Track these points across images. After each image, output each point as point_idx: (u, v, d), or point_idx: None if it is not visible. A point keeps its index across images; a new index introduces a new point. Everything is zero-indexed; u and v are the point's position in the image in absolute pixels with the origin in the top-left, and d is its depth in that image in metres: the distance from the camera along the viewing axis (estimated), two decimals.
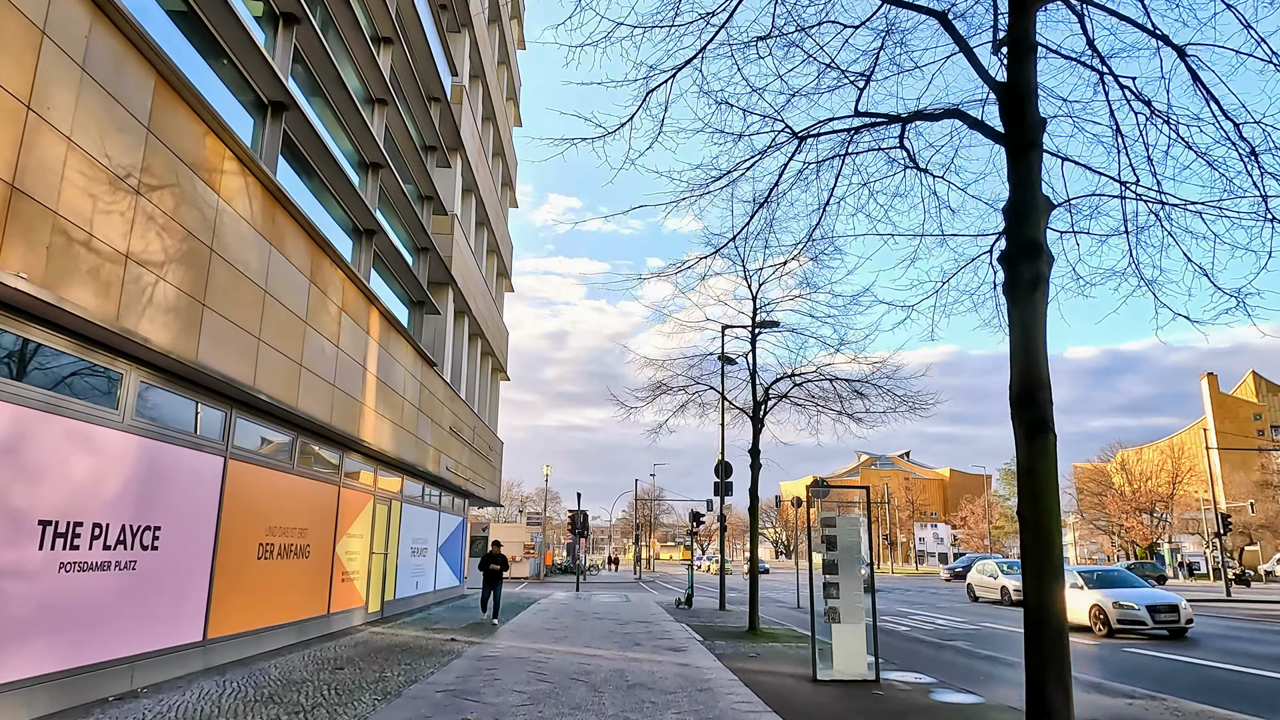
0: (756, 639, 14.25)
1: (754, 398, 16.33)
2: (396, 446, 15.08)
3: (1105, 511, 79.22)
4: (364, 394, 13.12)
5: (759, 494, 16.38)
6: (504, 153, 29.43)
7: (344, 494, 13.22)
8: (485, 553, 16.08)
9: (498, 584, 15.94)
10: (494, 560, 15.93)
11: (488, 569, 15.90)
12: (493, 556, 15.93)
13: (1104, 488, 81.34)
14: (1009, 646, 14.35)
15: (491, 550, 16.05)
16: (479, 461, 24.60)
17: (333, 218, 12.84)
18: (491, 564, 15.92)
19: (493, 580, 15.90)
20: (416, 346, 16.59)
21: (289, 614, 10.96)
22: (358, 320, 12.83)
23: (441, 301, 19.92)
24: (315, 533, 11.89)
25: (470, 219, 23.49)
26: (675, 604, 22.93)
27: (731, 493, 23.41)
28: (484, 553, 16.05)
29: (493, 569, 15.91)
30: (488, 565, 15.90)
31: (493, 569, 15.91)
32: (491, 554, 15.96)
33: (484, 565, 15.95)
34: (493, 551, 16.00)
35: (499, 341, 28.92)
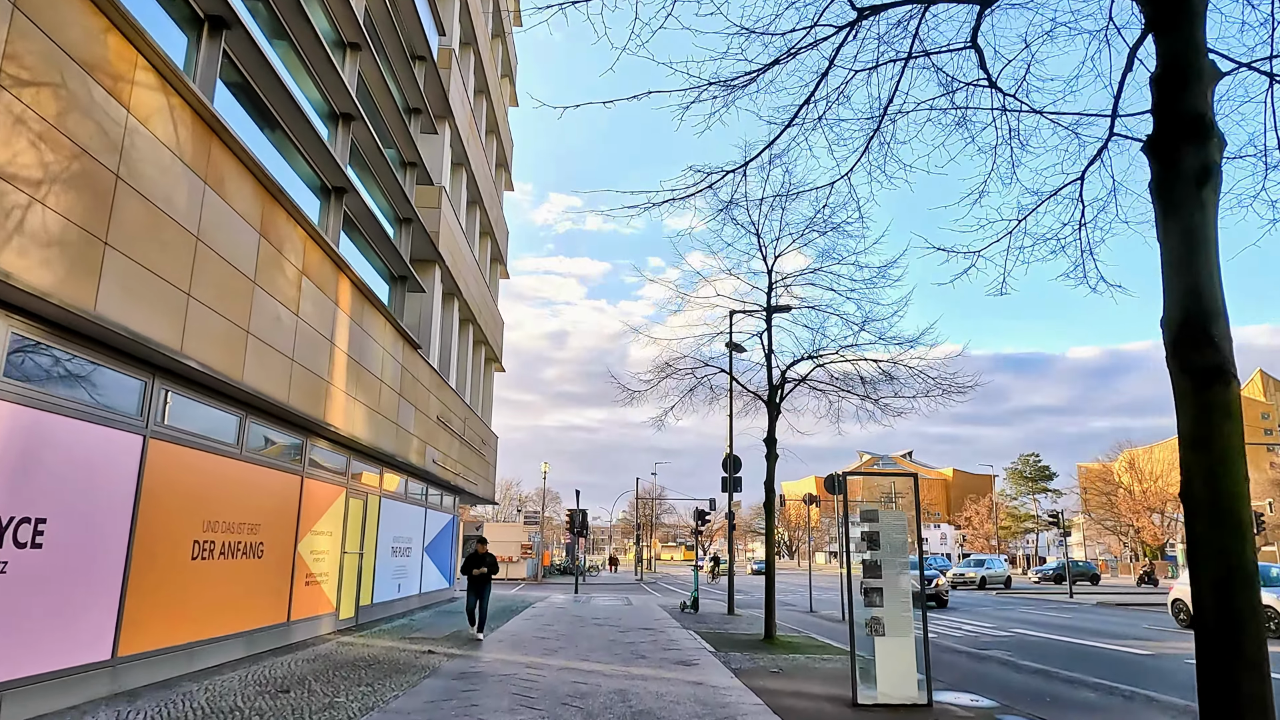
0: (775, 649, 12.68)
1: (769, 381, 14.75)
2: (373, 434, 13.52)
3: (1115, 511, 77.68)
4: (331, 372, 11.56)
5: (771, 490, 14.80)
6: (499, 132, 27.88)
7: (309, 485, 11.65)
8: (470, 554, 13.27)
9: (485, 591, 13.16)
10: (479, 562, 13.09)
11: (472, 573, 13.14)
12: (478, 558, 13.12)
13: (1113, 487, 79.76)
14: (1050, 656, 12.77)
15: (477, 550, 13.20)
16: (470, 455, 23.04)
17: (295, 170, 11.28)
18: (476, 567, 13.10)
19: (479, 587, 13.16)
20: (397, 325, 15.02)
21: (235, 623, 9.39)
22: (324, 288, 11.27)
23: (427, 279, 18.35)
24: (271, 529, 10.33)
25: (461, 195, 21.93)
26: (680, 608, 21.36)
27: (741, 488, 21.87)
28: (469, 553, 13.36)
29: (478, 573, 13.13)
30: (472, 569, 13.10)
31: (478, 573, 13.13)
32: (476, 555, 13.14)
33: (468, 569, 13.12)
34: (478, 552, 13.16)
35: (493, 330, 27.36)
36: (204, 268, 7.95)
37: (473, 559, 13.20)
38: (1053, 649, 14.31)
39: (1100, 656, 13.31)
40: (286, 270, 10.01)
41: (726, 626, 16.71)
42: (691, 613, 20.26)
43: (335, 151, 12.05)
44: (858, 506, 7.77)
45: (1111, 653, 13.89)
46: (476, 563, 13.18)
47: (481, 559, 13.20)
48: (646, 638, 13.80)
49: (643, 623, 16.92)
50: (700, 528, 28.36)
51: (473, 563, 13.19)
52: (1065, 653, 13.74)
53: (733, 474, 21.81)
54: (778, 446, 21.98)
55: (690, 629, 15.70)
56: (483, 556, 13.22)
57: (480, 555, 13.23)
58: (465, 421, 22.31)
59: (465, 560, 13.21)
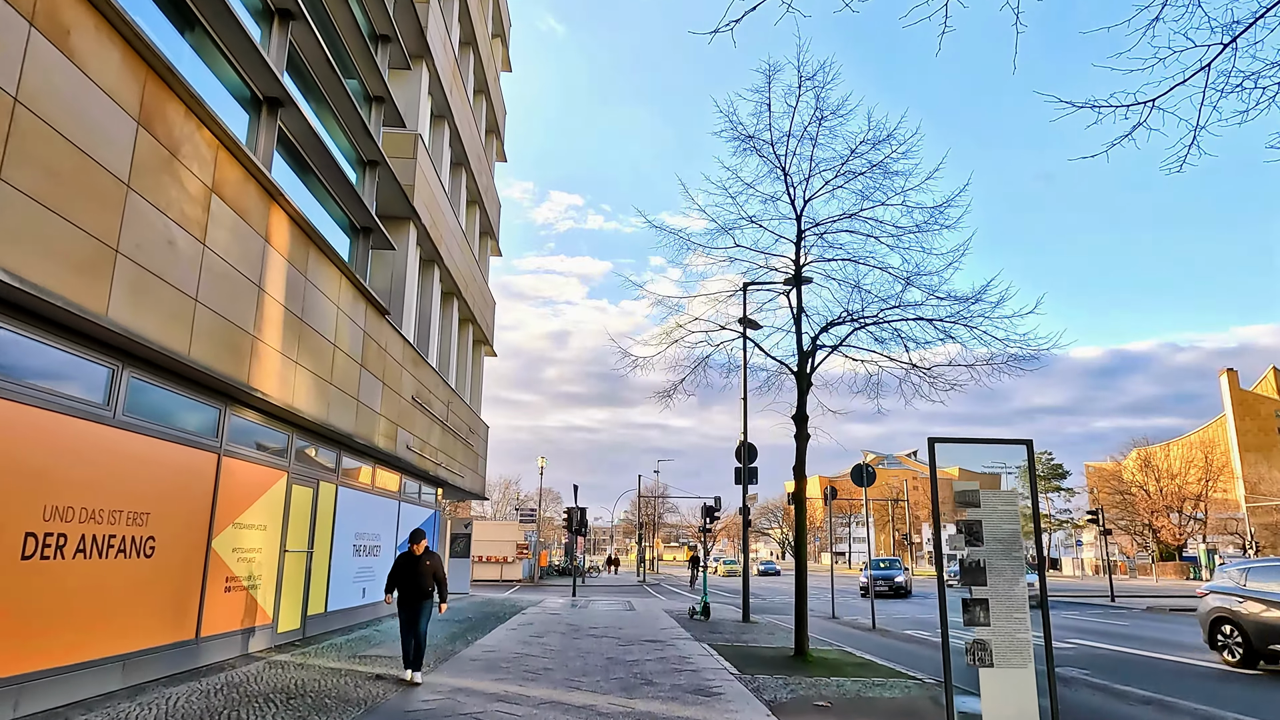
0: (811, 670, 10.33)
1: (799, 348, 12.39)
2: (322, 408, 11.18)
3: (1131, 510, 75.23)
4: (260, 325, 9.22)
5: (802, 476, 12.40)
6: (489, 94, 25.54)
7: (230, 467, 9.30)
8: (400, 558, 8.88)
9: (421, 614, 8.58)
10: (411, 572, 8.66)
11: (404, 589, 8.68)
12: (410, 564, 8.70)
13: (1130, 486, 77.33)
14: (1147, 678, 10.38)
15: (410, 551, 8.76)
16: (455, 444, 20.69)
17: (207, 65, 8.93)
18: (407, 580, 8.65)
19: (413, 608, 8.57)
20: (358, 283, 12.68)
21: (104, 645, 7.04)
22: (247, 217, 8.92)
23: (399, 237, 16.01)
24: (168, 520, 7.98)
25: (443, 152, 19.59)
26: (689, 614, 19.01)
27: (756, 479, 19.52)
28: (398, 558, 8.96)
29: (414, 588, 8.62)
30: (403, 582, 8.70)
31: (414, 588, 8.62)
32: (408, 559, 8.74)
33: (394, 583, 8.80)
34: (411, 552, 8.75)
35: (482, 308, 25.01)
36: (31, 145, 5.61)
37: (402, 566, 8.76)
38: (1139, 667, 11.92)
39: (1208, 674, 10.93)
40: (186, 183, 7.66)
41: (745, 637, 14.36)
42: (702, 620, 17.92)
43: (269, 56, 9.71)
44: (948, 485, 5.58)
45: (1225, 672, 11.50)
46: (406, 573, 8.68)
47: (413, 566, 8.66)
48: (653, 653, 11.45)
49: (647, 632, 14.57)
50: (709, 526, 26.00)
51: (401, 573, 8.72)
52: (1163, 672, 11.36)
53: (747, 464, 19.47)
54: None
55: (703, 641, 13.36)
56: (415, 561, 8.67)
57: (411, 559, 8.71)
58: (449, 406, 19.97)
59: (395, 567, 8.86)
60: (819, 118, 12.17)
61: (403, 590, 8.75)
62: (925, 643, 15.18)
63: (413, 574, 8.73)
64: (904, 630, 17.58)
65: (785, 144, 12.31)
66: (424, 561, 8.80)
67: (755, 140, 12.35)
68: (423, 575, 8.73)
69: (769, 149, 12.31)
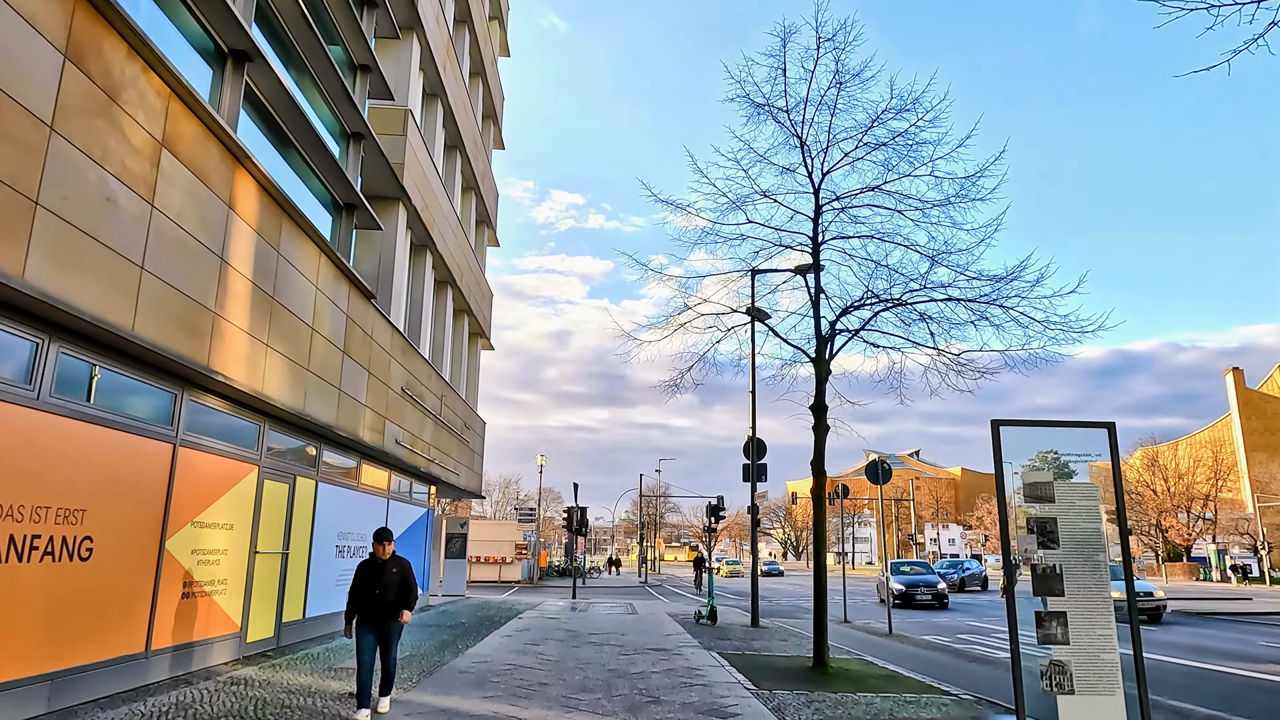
0: (833, 683, 9.37)
1: (817, 332, 11.42)
2: (298, 396, 10.23)
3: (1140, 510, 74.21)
4: (223, 302, 8.26)
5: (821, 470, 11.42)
6: (485, 77, 24.58)
7: (188, 459, 8.34)
8: (361, 566, 7.04)
9: (390, 639, 6.93)
10: (374, 581, 6.85)
11: (366, 607, 6.85)
12: (370, 573, 6.90)
13: (1139, 486, 76.33)
14: (1236, 700, 9.42)
15: (373, 557, 6.98)
16: (449, 440, 19.74)
17: (161, 8, 7.98)
18: (369, 591, 6.83)
19: (379, 629, 6.85)
20: (340, 264, 11.73)
21: (23, 663, 6.08)
22: (208, 179, 7.96)
23: (387, 218, 15.06)
24: (110, 517, 7.02)
25: (435, 132, 18.62)
26: (695, 618, 18.05)
27: (765, 476, 18.56)
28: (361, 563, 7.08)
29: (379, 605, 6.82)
30: (365, 599, 6.85)
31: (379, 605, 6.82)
32: (369, 566, 6.95)
33: (358, 596, 6.88)
34: (373, 559, 6.96)
35: (479, 299, 24.06)
36: None
37: (363, 579, 6.88)
38: (1221, 685, 10.95)
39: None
40: (130, 133, 6.70)
41: (756, 644, 13.40)
42: (708, 624, 16.96)
43: (233, 2, 8.75)
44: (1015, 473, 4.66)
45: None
46: (369, 586, 6.82)
47: (377, 576, 6.82)
48: (658, 664, 10.49)
49: (652, 639, 13.61)
50: (715, 525, 25.02)
51: (363, 587, 6.84)
52: (1257, 691, 10.39)
53: (756, 460, 18.51)
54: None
55: (712, 649, 12.40)
56: (380, 570, 6.84)
57: (374, 568, 6.86)
58: (442, 399, 19.02)
59: (353, 583, 6.96)
60: (838, 83, 11.21)
61: (365, 608, 6.80)
62: (948, 650, 14.22)
63: (377, 587, 6.82)
64: (921, 636, 16.61)
65: (802, 111, 11.36)
66: (390, 569, 6.88)
67: (770, 107, 11.40)
68: (389, 587, 6.83)
69: (784, 116, 11.36)
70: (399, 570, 7.03)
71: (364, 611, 6.89)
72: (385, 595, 6.89)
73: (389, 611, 6.92)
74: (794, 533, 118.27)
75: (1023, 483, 4.98)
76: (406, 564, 7.16)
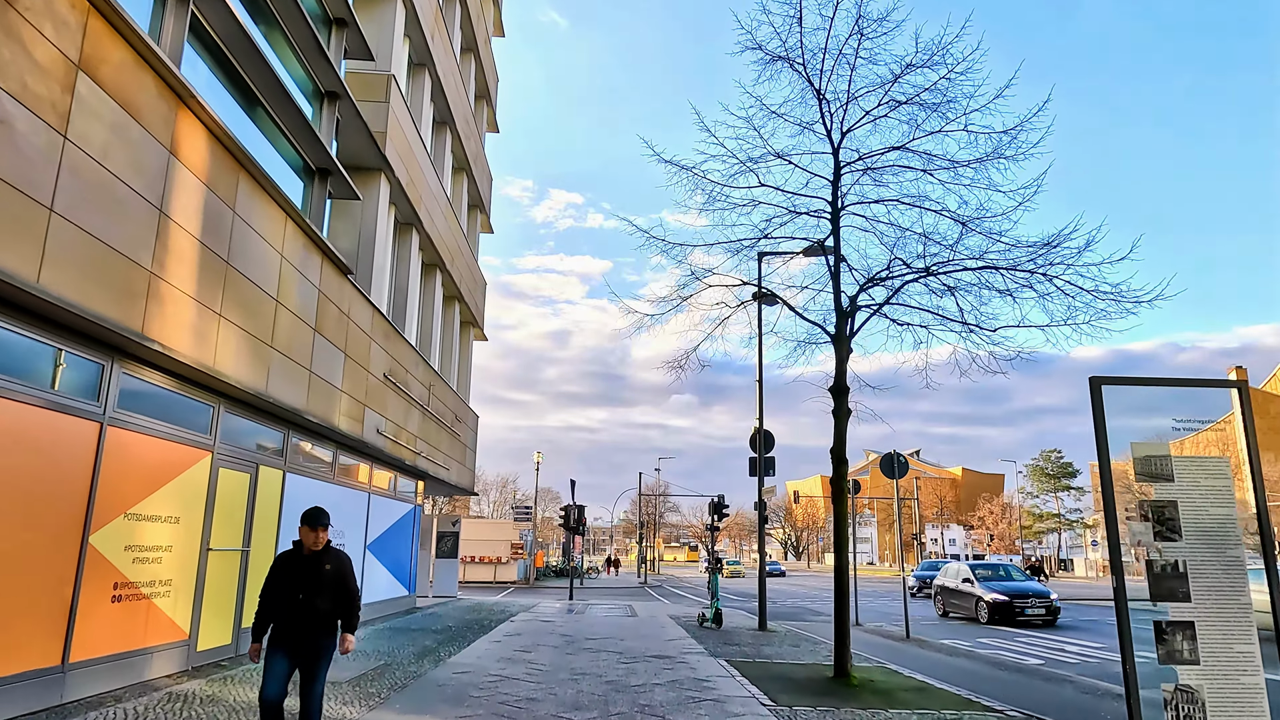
0: (860, 697, 8.28)
1: (837, 307, 10.34)
2: (259, 375, 9.13)
3: None
4: (162, 260, 7.17)
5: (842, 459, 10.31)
6: (478, 53, 23.47)
7: (119, 441, 7.24)
8: (281, 559, 5.04)
9: (316, 668, 4.85)
10: (295, 586, 4.86)
11: (286, 619, 4.84)
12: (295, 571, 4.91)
13: None
14: None
15: (298, 548, 4.98)
16: (438, 433, 18.63)
17: None
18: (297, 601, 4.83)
19: (301, 652, 4.83)
20: (311, 232, 10.63)
21: None
22: (142, 116, 6.86)
23: (367, 189, 13.96)
24: (14, 506, 5.92)
25: (423, 104, 17.52)
26: (698, 621, 16.94)
27: (773, 471, 17.48)
28: (278, 558, 5.10)
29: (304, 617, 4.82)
30: (284, 607, 4.86)
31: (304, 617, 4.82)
32: (291, 561, 4.96)
33: (273, 602, 4.91)
34: (298, 551, 4.98)
35: (471, 286, 22.95)
36: None
37: (282, 577, 4.93)
38: None
39: None
40: (31, 45, 5.60)
41: (767, 651, 12.31)
42: (713, 628, 15.86)
43: None
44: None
45: None
46: (290, 588, 4.88)
47: (304, 574, 4.90)
48: (662, 674, 9.39)
49: (653, 644, 12.51)
50: (718, 524, 23.95)
51: (281, 589, 4.90)
52: None
53: (763, 453, 17.43)
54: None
55: (720, 657, 11.30)
56: (308, 567, 4.92)
57: (300, 563, 4.93)
58: (430, 390, 17.92)
59: (266, 581, 5.00)
60: (859, 31, 10.12)
61: (283, 620, 4.80)
62: (972, 656, 13.14)
63: (302, 589, 4.78)
64: (940, 640, 15.53)
65: (820, 63, 10.27)
66: (322, 566, 4.88)
67: (786, 59, 10.30)
68: (321, 590, 4.82)
69: (801, 68, 10.27)
70: (335, 568, 4.94)
71: (281, 624, 4.81)
72: (314, 602, 4.81)
73: (319, 626, 4.83)
74: (794, 533, 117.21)
75: (1133, 456, 3.90)
76: (346, 560, 5.10)
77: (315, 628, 4.87)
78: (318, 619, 4.88)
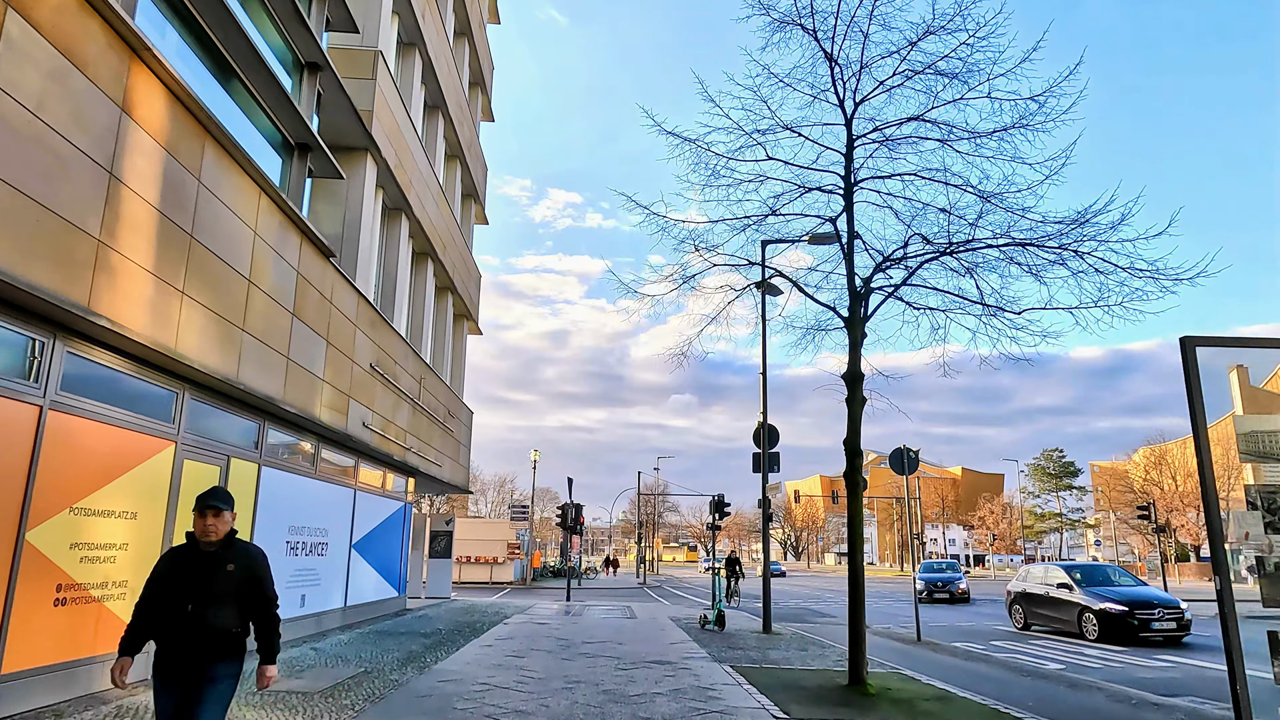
0: (878, 708, 7.61)
1: (850, 288, 9.66)
2: (229, 360, 8.44)
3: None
4: (112, 228, 6.48)
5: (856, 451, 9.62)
6: (472, 38, 22.80)
7: (63, 427, 6.56)
8: (168, 556, 3.74)
9: (208, 696, 3.54)
10: (186, 586, 3.59)
11: (168, 625, 3.58)
12: (185, 571, 3.62)
13: (1146, 484, 74.64)
14: None
15: (191, 542, 3.69)
16: (430, 428, 17.95)
17: None
18: (178, 601, 3.57)
19: (192, 673, 3.56)
20: (289, 209, 9.95)
21: None
22: (87, 67, 6.18)
23: (352, 169, 13.29)
24: None
25: (413, 85, 16.84)
26: (700, 623, 16.26)
27: (778, 467, 16.81)
28: (164, 557, 3.78)
29: (186, 626, 3.55)
30: (167, 609, 3.59)
31: (186, 626, 3.55)
32: (182, 556, 3.68)
33: (153, 612, 3.63)
34: (192, 545, 3.69)
35: (464, 277, 22.27)
36: None
37: (171, 574, 3.64)
38: None
39: None
40: None
41: (773, 655, 11.63)
42: (715, 630, 15.18)
43: None
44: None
45: None
46: (178, 594, 3.58)
47: (197, 576, 3.61)
48: (664, 682, 8.71)
49: (654, 648, 11.83)
50: (719, 523, 23.27)
51: (168, 587, 3.61)
52: None
53: (767, 449, 16.75)
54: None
55: (724, 662, 10.62)
56: (202, 567, 3.63)
57: (193, 560, 3.64)
58: (421, 382, 17.24)
59: (146, 586, 3.68)
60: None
61: (166, 641, 3.60)
62: (990, 660, 12.47)
63: (192, 596, 3.57)
64: (953, 643, 14.86)
65: (832, 28, 9.59)
66: (220, 566, 3.65)
67: (797, 24, 9.62)
68: (219, 600, 3.62)
69: (810, 33, 9.59)
70: (242, 569, 3.69)
71: (164, 646, 3.57)
72: (206, 615, 3.55)
73: (211, 648, 3.57)
74: (794, 533, 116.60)
75: (1237, 431, 3.23)
76: (258, 559, 3.81)
77: (206, 650, 3.55)
78: (210, 638, 3.56)
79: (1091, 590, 15.56)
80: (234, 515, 3.85)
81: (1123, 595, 15.24)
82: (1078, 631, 14.98)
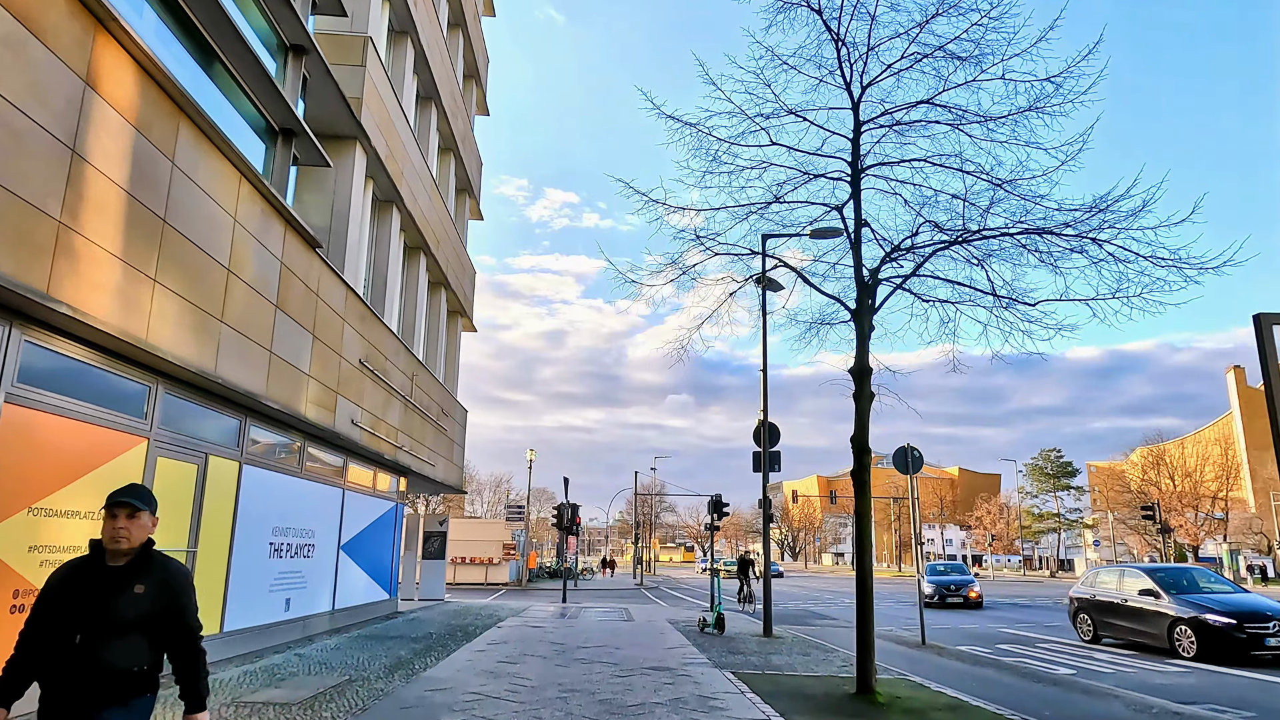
0: (888, 718, 7.21)
1: (858, 279, 9.27)
2: (207, 353, 8.02)
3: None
4: (74, 210, 6.06)
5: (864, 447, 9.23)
6: (466, 29, 22.39)
7: (21, 420, 6.14)
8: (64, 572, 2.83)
9: None
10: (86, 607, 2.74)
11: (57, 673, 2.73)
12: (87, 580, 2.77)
13: (1144, 484, 74.46)
14: None
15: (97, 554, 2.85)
16: (423, 426, 17.53)
17: None
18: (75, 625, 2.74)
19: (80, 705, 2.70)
20: (271, 197, 9.53)
21: None
22: (43, 33, 5.76)
23: (340, 158, 12.87)
24: None
25: (405, 74, 16.42)
26: (699, 626, 15.86)
27: (779, 466, 16.42)
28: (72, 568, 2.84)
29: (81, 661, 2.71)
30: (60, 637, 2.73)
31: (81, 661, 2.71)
32: (84, 571, 2.79)
33: (43, 640, 2.73)
34: (97, 559, 2.83)
35: (458, 273, 21.85)
36: None
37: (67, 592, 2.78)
38: None
39: None
40: None
41: (776, 661, 11.23)
42: (715, 634, 14.79)
43: None
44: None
45: None
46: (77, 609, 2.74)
47: (103, 589, 2.77)
48: (663, 689, 8.30)
49: (652, 654, 11.43)
50: (717, 523, 22.88)
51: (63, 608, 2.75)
52: None
53: (767, 448, 16.36)
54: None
55: (725, 668, 10.23)
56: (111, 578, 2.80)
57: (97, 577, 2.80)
58: (413, 379, 16.82)
59: (35, 607, 2.77)
60: None
61: (51, 682, 2.75)
62: (998, 664, 12.09)
63: (92, 624, 2.75)
64: (958, 646, 14.49)
65: (838, 8, 9.21)
66: (128, 585, 2.80)
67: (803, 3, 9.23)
68: (121, 630, 2.77)
69: (816, 10, 9.20)
70: (155, 590, 2.85)
71: (49, 687, 2.76)
72: (99, 650, 2.75)
73: (108, 689, 2.75)
74: (791, 533, 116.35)
75: None
76: (179, 577, 2.95)
77: (96, 694, 2.72)
78: (101, 680, 2.73)
79: (1184, 598, 13.15)
80: (155, 520, 2.93)
81: (1226, 605, 12.71)
82: (1167, 647, 12.90)
